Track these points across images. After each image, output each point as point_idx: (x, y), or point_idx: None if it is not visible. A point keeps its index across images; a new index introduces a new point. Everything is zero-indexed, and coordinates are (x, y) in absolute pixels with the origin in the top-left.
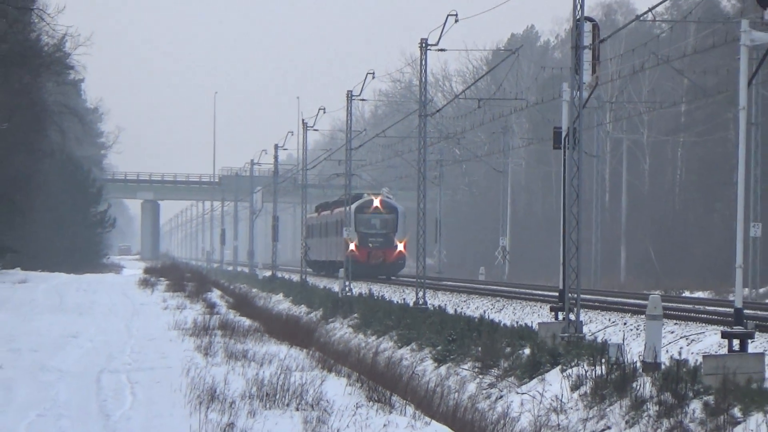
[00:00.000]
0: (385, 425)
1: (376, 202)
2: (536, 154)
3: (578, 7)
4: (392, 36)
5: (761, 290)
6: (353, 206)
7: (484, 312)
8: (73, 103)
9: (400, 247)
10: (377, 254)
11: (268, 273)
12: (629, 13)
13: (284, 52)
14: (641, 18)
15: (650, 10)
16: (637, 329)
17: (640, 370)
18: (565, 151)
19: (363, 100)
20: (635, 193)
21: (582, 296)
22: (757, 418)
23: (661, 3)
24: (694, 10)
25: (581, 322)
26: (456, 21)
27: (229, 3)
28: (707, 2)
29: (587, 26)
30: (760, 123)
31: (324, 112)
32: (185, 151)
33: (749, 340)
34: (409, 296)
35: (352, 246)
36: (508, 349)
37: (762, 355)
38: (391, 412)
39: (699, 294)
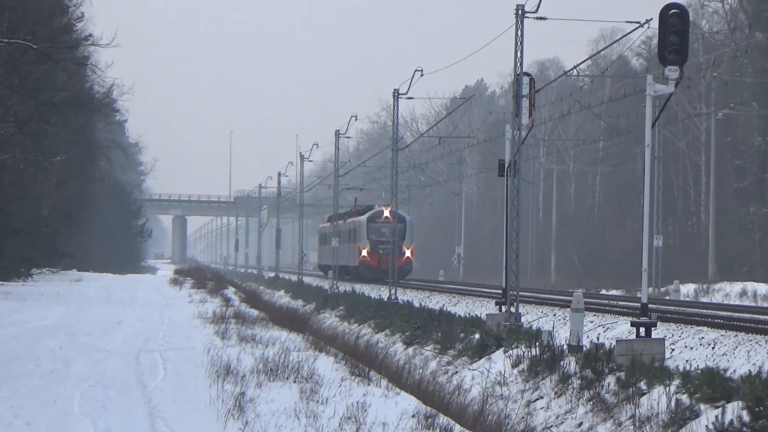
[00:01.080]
0: (364, 395)
1: (386, 212)
2: (485, 181)
3: (518, 64)
4: (372, 85)
5: (662, 289)
6: (365, 216)
7: (443, 305)
8: (118, 139)
9: (408, 253)
10: (387, 260)
11: (272, 274)
12: (559, 69)
13: (286, 98)
14: (568, 73)
15: (575, 67)
16: (564, 319)
17: (567, 352)
18: (507, 179)
19: (348, 137)
20: (563, 212)
21: (520, 293)
22: (658, 390)
23: (583, 62)
24: (609, 67)
25: (520, 313)
26: (421, 75)
27: (240, 58)
28: (620, 61)
29: (525, 80)
30: (661, 157)
31: (317, 147)
32: (207, 176)
33: (653, 328)
34: (384, 293)
35: (364, 252)
36: (462, 335)
37: (662, 340)
38: (369, 384)
39: (613, 292)
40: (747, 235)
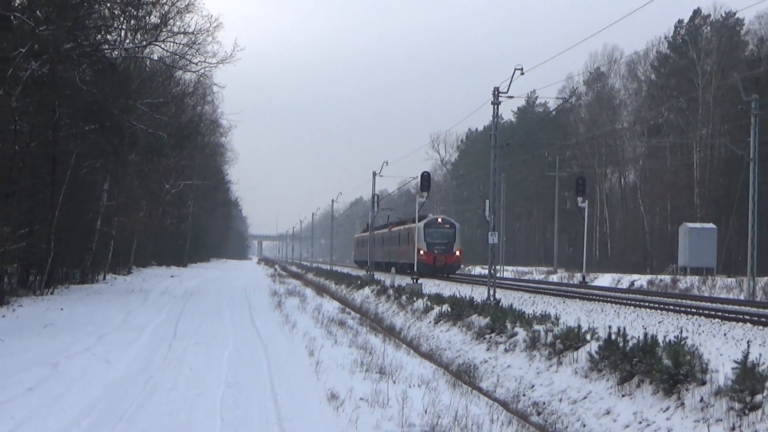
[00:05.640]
0: (321, 302)
1: (440, 220)
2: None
3: (374, 188)
4: (344, 179)
5: None
6: (422, 222)
7: (348, 272)
8: (238, 215)
9: (457, 253)
10: (441, 258)
11: (290, 261)
12: (387, 194)
13: (298, 182)
14: (390, 194)
15: (390, 193)
16: (391, 276)
17: (389, 287)
18: (370, 231)
19: (338, 202)
20: None
21: (375, 267)
22: (420, 300)
23: (393, 191)
24: (402, 195)
25: (373, 274)
26: (339, 196)
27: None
28: (407, 192)
29: (376, 198)
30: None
31: (319, 209)
32: (270, 220)
33: (418, 280)
34: (327, 267)
35: (422, 252)
36: (354, 281)
37: (421, 284)
38: (323, 298)
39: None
40: (475, 245)
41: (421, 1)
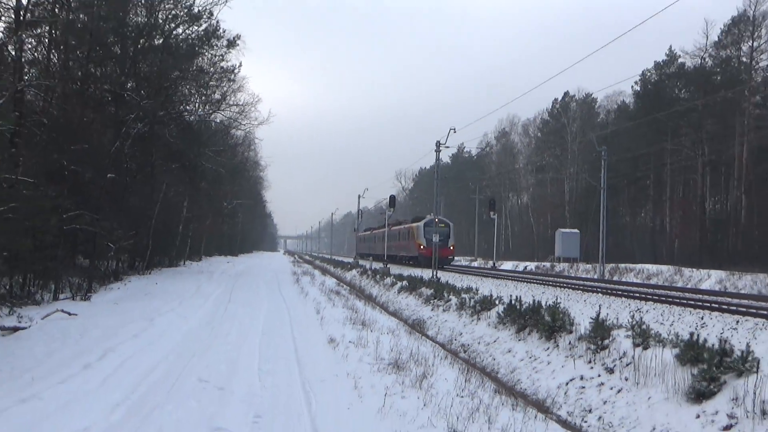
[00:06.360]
0: (324, 279)
1: (436, 219)
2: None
3: (359, 205)
4: (338, 196)
5: None
6: (422, 222)
7: (341, 260)
8: (271, 223)
9: (452, 247)
10: (438, 252)
11: (306, 253)
12: (368, 209)
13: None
14: (369, 209)
15: (370, 208)
16: (371, 263)
17: (368, 270)
18: (356, 233)
19: (335, 215)
20: None
21: (360, 258)
22: (389, 278)
23: (372, 207)
24: (376, 210)
25: (358, 260)
26: (336, 210)
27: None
28: (379, 207)
29: (359, 213)
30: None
31: (323, 219)
32: (292, 226)
33: (387, 265)
34: (329, 257)
35: (421, 247)
36: (346, 266)
37: (389, 268)
38: (325, 276)
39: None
40: None
41: (389, 84)
